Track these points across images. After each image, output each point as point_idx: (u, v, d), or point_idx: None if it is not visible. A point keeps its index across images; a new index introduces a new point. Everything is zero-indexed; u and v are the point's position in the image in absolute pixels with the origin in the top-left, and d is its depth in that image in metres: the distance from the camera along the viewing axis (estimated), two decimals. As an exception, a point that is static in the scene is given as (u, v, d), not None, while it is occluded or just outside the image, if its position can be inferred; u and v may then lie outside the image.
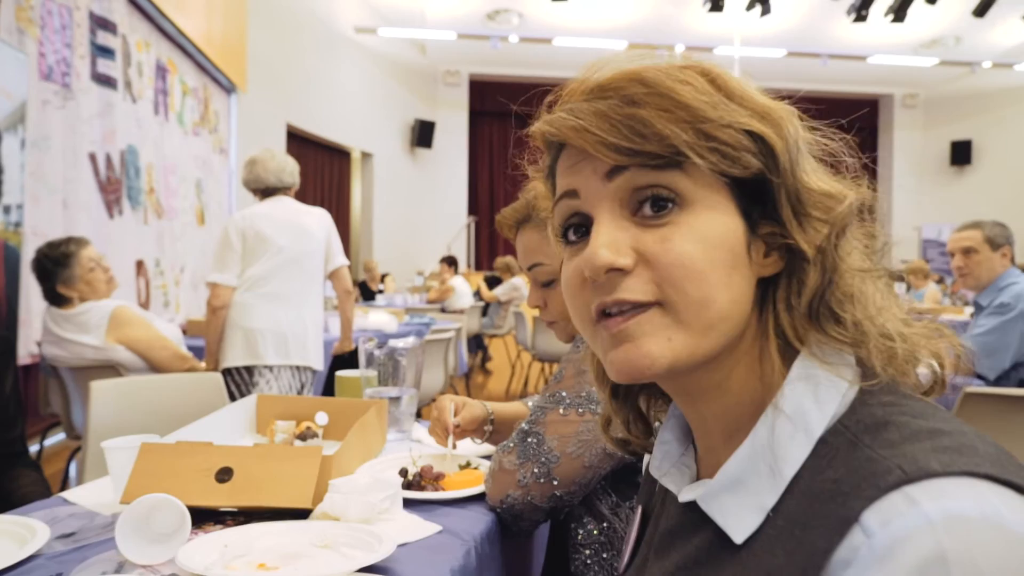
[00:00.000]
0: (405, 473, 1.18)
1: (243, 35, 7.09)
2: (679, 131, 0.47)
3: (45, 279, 2.50)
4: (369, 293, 7.92)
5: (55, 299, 2.52)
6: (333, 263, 2.93)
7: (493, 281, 8.22)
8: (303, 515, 1.02)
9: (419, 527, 1.01)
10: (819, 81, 12.41)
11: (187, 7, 5.52)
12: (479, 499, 1.13)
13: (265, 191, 2.85)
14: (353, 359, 2.34)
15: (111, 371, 2.49)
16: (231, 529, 0.94)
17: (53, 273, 2.48)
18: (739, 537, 0.47)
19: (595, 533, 1.11)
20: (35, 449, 3.12)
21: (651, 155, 0.47)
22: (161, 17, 5.07)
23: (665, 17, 10.42)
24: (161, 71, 5.26)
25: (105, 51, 4.31)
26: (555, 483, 1.05)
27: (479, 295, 7.92)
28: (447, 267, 7.87)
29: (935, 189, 13.35)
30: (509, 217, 1.21)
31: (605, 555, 1.10)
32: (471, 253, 12.64)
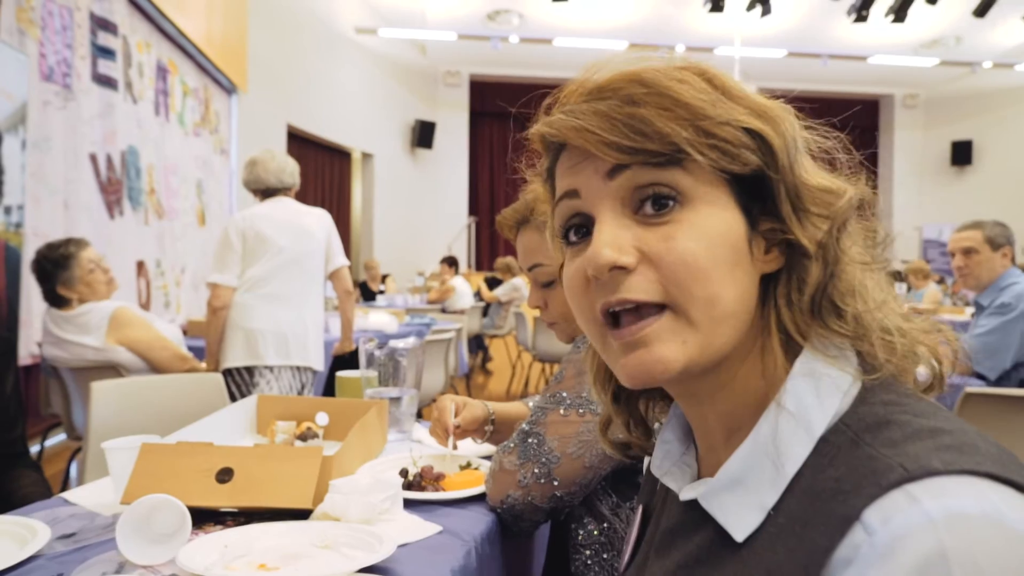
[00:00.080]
0: (405, 473, 1.18)
1: (243, 36, 7.09)
2: (679, 129, 0.47)
3: (45, 280, 2.51)
4: (370, 293, 7.92)
5: (55, 300, 2.52)
6: (333, 263, 2.93)
7: (493, 283, 8.23)
8: (303, 515, 1.02)
9: (419, 527, 1.01)
10: (819, 81, 12.41)
11: (187, 8, 5.53)
12: (479, 499, 1.13)
13: (265, 192, 2.85)
14: (354, 359, 2.34)
15: (112, 372, 2.49)
16: (231, 529, 0.94)
17: (53, 274, 2.48)
18: (740, 535, 0.47)
19: (595, 534, 1.11)
20: (36, 450, 3.12)
21: (652, 153, 0.47)
22: (162, 18, 5.07)
23: (665, 17, 10.42)
24: (162, 72, 5.26)
25: (106, 52, 4.31)
26: (555, 483, 1.05)
27: (479, 296, 7.92)
28: (447, 268, 7.87)
29: (936, 189, 13.35)
30: (509, 218, 1.21)
31: (605, 555, 1.10)
32: (472, 254, 12.63)
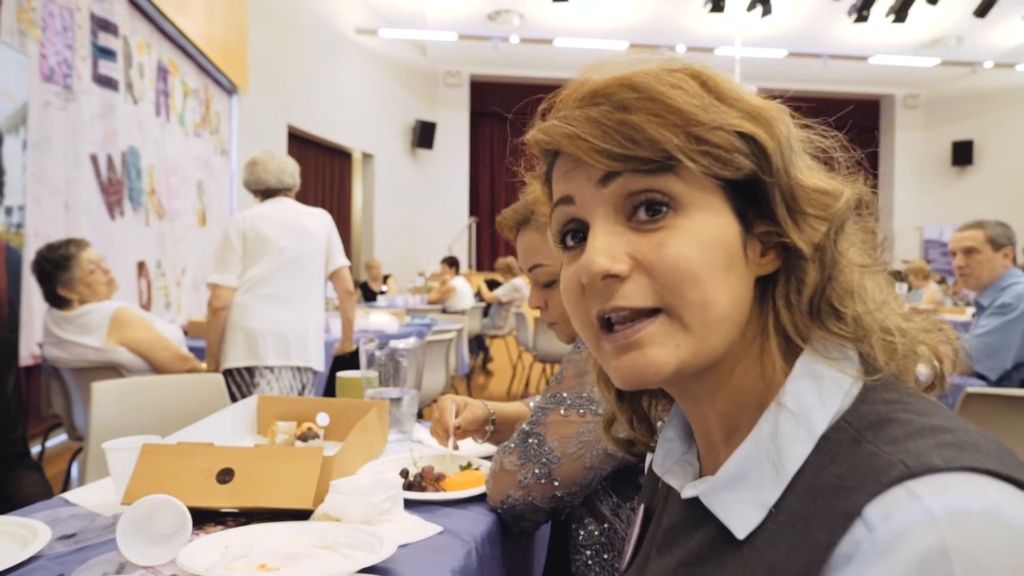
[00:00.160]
0: (406, 474, 1.18)
1: (244, 36, 7.10)
2: (670, 135, 0.47)
3: (45, 281, 2.51)
4: (371, 294, 7.92)
5: (55, 301, 2.52)
6: (334, 264, 2.93)
7: (492, 285, 8.23)
8: (304, 516, 1.02)
9: (420, 528, 1.01)
10: (820, 82, 12.40)
11: (188, 8, 5.53)
12: (480, 500, 1.13)
13: (266, 192, 2.85)
14: (354, 360, 2.34)
15: (112, 372, 2.49)
16: (232, 530, 0.94)
17: (53, 275, 2.48)
18: (741, 533, 0.47)
19: (596, 534, 1.11)
20: (37, 450, 3.12)
21: (643, 160, 0.47)
22: (162, 18, 5.08)
23: (666, 18, 10.42)
24: (162, 72, 5.27)
25: (106, 52, 4.31)
26: (556, 484, 1.05)
27: (480, 296, 7.92)
28: (448, 268, 7.87)
29: (936, 189, 13.34)
30: (509, 218, 1.21)
31: (606, 556, 1.10)
32: (472, 254, 12.63)
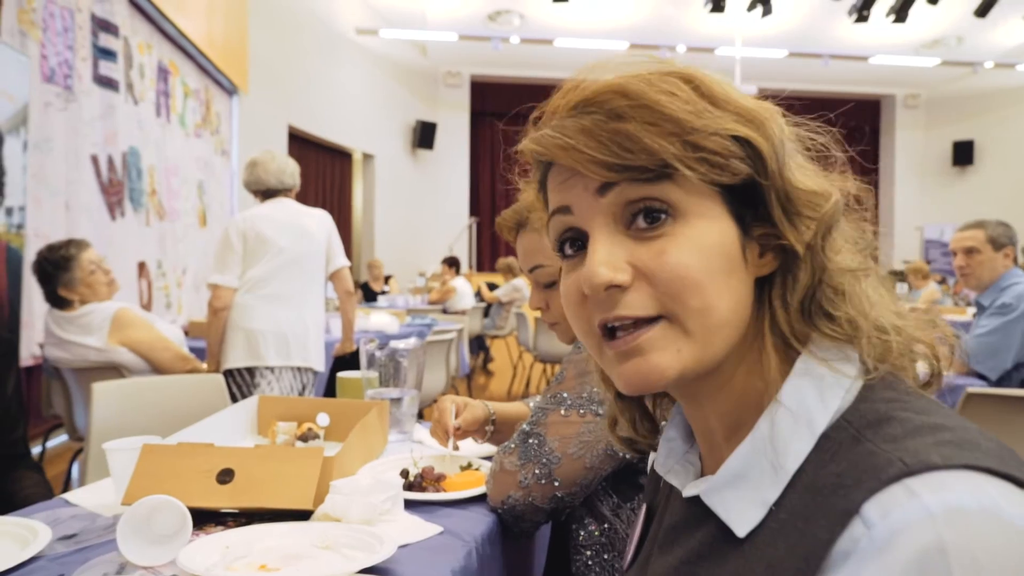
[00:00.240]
0: (406, 474, 1.18)
1: (244, 37, 7.10)
2: (667, 144, 0.46)
3: (46, 282, 2.51)
4: (372, 294, 7.92)
5: (56, 301, 2.53)
6: (334, 264, 2.94)
7: (492, 288, 8.23)
8: (304, 516, 1.02)
9: (420, 528, 1.01)
10: (820, 82, 12.40)
11: (188, 9, 5.53)
12: (480, 500, 1.13)
13: (266, 193, 2.85)
14: (354, 360, 2.34)
15: (113, 372, 2.49)
16: (232, 530, 0.94)
17: (54, 276, 2.49)
18: (742, 531, 0.47)
19: (596, 534, 1.11)
20: (38, 451, 3.13)
21: (640, 169, 0.47)
22: (162, 19, 5.08)
23: (666, 18, 10.42)
24: (163, 73, 5.27)
25: (107, 53, 4.31)
26: (556, 484, 1.05)
27: (480, 296, 7.92)
28: (448, 268, 7.87)
29: (937, 189, 13.33)
30: (509, 220, 1.21)
31: (606, 556, 1.10)
32: (473, 254, 12.63)
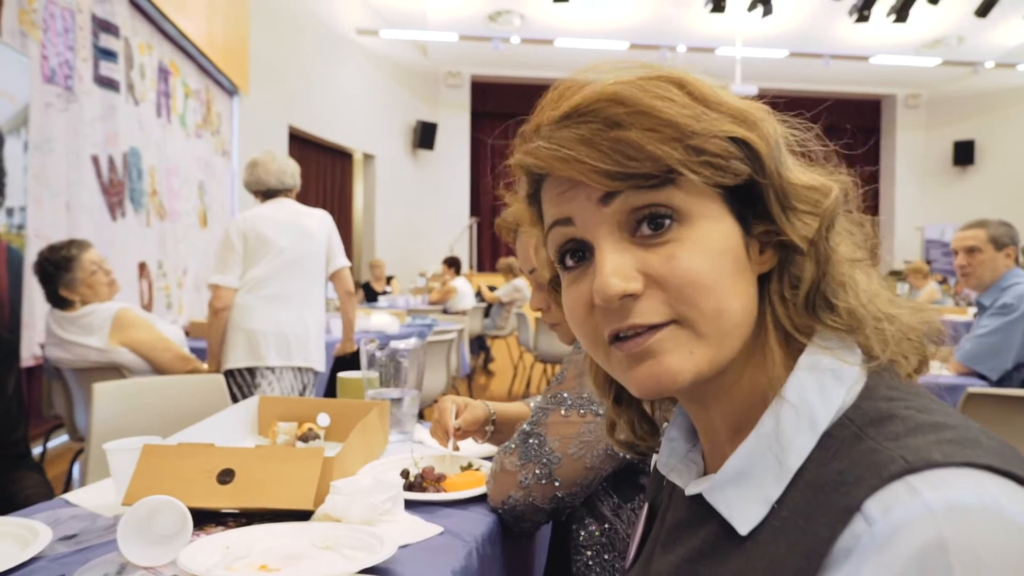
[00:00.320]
0: (407, 474, 1.18)
1: (245, 37, 7.10)
2: (670, 150, 0.46)
3: (47, 282, 2.51)
4: (373, 294, 7.92)
5: (57, 302, 2.53)
6: (334, 264, 2.94)
7: (492, 289, 8.22)
8: (305, 516, 1.02)
9: (421, 528, 1.01)
10: (821, 82, 12.39)
11: (189, 9, 5.53)
12: (481, 500, 1.13)
13: (266, 193, 2.85)
14: (355, 360, 2.34)
15: (114, 373, 2.49)
16: (233, 531, 0.94)
17: (55, 276, 2.49)
18: (744, 529, 0.47)
19: (597, 534, 1.11)
20: (38, 451, 3.13)
21: (644, 176, 0.47)
22: (163, 19, 5.08)
23: (667, 18, 10.41)
24: (163, 73, 5.27)
25: (107, 54, 4.32)
26: (557, 484, 1.05)
27: (481, 296, 7.92)
28: (449, 269, 7.87)
29: (938, 189, 13.32)
30: (509, 221, 1.21)
31: (607, 556, 1.10)
32: (473, 254, 12.63)
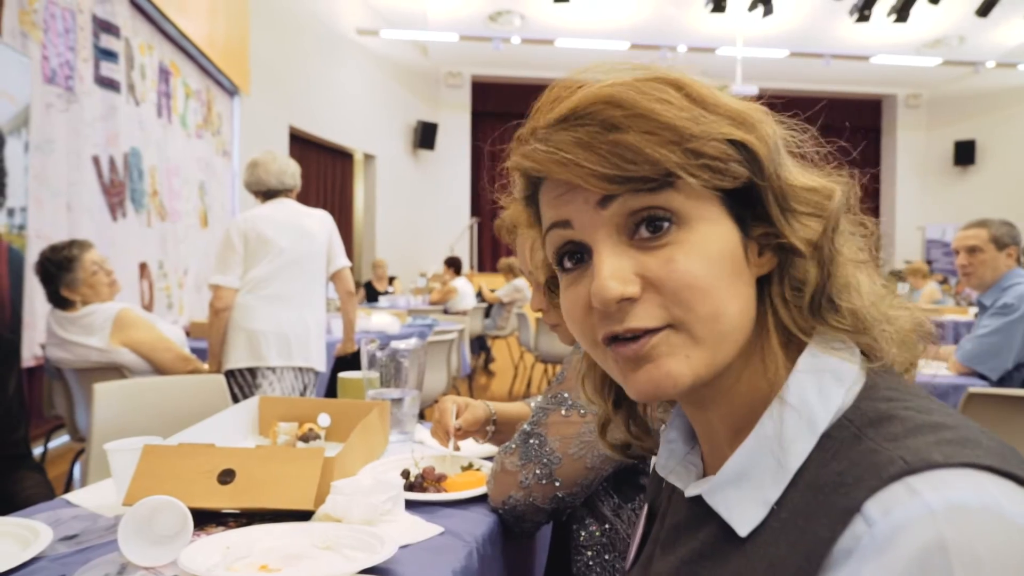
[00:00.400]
0: (407, 474, 1.19)
1: (245, 37, 7.10)
2: (668, 153, 0.46)
3: (48, 282, 2.52)
4: (374, 294, 7.92)
5: (59, 302, 2.53)
6: (335, 265, 2.94)
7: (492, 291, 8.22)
8: (305, 517, 1.02)
9: (421, 528, 1.01)
10: (822, 82, 12.38)
11: (189, 10, 5.54)
12: (481, 500, 1.13)
13: (267, 193, 2.85)
14: (355, 361, 2.34)
15: (115, 373, 2.49)
16: (233, 531, 0.94)
17: (56, 277, 2.49)
18: (743, 530, 0.47)
19: (597, 535, 1.11)
20: (39, 451, 3.13)
21: (643, 179, 0.47)
22: (164, 20, 5.08)
23: (667, 18, 10.41)
24: (164, 74, 5.27)
25: (108, 54, 4.32)
26: (557, 484, 1.05)
27: (481, 296, 7.93)
28: (449, 269, 7.87)
29: (939, 189, 13.31)
30: (508, 222, 1.20)
31: (607, 556, 1.10)
32: (474, 254, 12.63)
